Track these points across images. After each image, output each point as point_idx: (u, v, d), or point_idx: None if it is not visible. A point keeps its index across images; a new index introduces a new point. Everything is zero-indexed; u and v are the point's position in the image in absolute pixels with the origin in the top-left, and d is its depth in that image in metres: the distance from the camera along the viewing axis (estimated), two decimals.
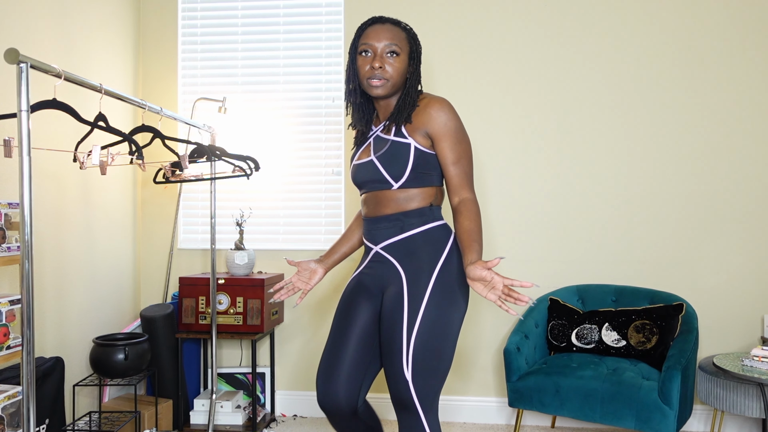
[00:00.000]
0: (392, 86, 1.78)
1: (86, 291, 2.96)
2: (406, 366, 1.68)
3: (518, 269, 3.27)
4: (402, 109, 1.79)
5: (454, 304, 1.74)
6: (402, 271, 1.77)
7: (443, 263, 1.76)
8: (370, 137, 1.87)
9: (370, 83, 1.78)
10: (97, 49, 3.06)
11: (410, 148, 1.75)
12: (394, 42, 1.76)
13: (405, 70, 1.79)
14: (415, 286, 1.73)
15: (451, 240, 1.81)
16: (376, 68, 1.76)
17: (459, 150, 1.77)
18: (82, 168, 2.18)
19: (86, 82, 2.10)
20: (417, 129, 1.77)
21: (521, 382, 2.72)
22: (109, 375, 2.74)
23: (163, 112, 2.61)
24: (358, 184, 1.88)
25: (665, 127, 3.17)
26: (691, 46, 3.15)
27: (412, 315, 1.70)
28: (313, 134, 3.43)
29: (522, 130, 3.27)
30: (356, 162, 1.89)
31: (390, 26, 1.79)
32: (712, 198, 3.14)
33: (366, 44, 1.78)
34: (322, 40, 3.42)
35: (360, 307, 1.85)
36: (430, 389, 1.70)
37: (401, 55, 1.77)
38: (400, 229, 1.80)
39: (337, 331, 1.86)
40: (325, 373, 1.81)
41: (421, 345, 1.69)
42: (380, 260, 1.84)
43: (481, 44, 3.28)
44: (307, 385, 3.43)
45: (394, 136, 1.78)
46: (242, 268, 3.19)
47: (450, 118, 1.76)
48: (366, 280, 1.87)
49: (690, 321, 2.77)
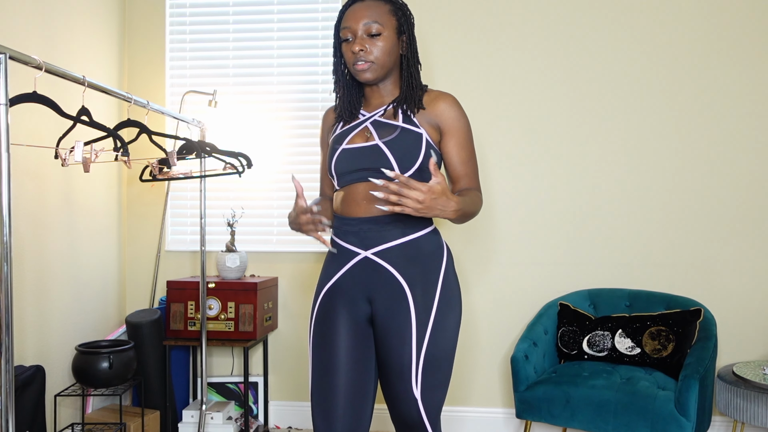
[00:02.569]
0: (381, 67, 1.72)
1: (68, 295, 2.96)
2: (415, 385, 1.64)
3: (525, 272, 3.27)
4: (410, 92, 1.73)
5: (455, 312, 1.73)
6: (402, 279, 1.69)
7: (444, 271, 1.74)
8: (364, 122, 1.77)
9: (356, 68, 1.71)
10: (79, 39, 3.06)
11: (422, 138, 1.70)
12: (373, 20, 1.68)
13: (392, 48, 1.72)
14: (421, 296, 1.67)
15: (445, 246, 1.79)
16: (357, 52, 1.69)
17: (469, 149, 1.76)
18: (64, 165, 2.17)
19: (68, 74, 2.10)
20: (428, 120, 1.73)
21: (529, 392, 2.72)
22: (92, 384, 2.73)
23: (150, 105, 2.60)
24: (342, 172, 1.74)
25: (682, 123, 3.17)
26: (714, 37, 3.15)
27: (421, 328, 1.65)
28: (308, 129, 3.42)
29: (530, 125, 3.26)
30: (347, 146, 1.74)
31: (369, 1, 1.71)
32: (731, 197, 3.14)
33: (346, 28, 1.72)
34: (319, 30, 3.42)
35: (340, 324, 1.73)
36: (437, 403, 1.70)
37: (385, 33, 1.70)
38: (400, 233, 1.70)
39: (321, 358, 1.72)
40: (323, 413, 1.69)
41: (430, 360, 1.66)
42: (370, 267, 1.71)
43: (487, 35, 3.28)
44: (303, 395, 3.43)
45: (403, 122, 1.71)
46: (234, 271, 3.19)
47: (462, 114, 1.75)
48: (345, 288, 1.73)
49: (708, 327, 2.77)
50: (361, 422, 1.71)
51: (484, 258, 3.30)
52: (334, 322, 1.73)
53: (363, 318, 1.74)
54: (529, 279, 3.27)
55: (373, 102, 1.81)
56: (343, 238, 1.74)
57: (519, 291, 3.28)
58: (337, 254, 1.76)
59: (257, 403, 3.36)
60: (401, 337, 1.66)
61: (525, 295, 3.27)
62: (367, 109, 1.81)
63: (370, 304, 1.73)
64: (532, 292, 3.27)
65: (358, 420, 1.70)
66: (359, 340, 1.73)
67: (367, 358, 1.74)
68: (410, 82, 1.75)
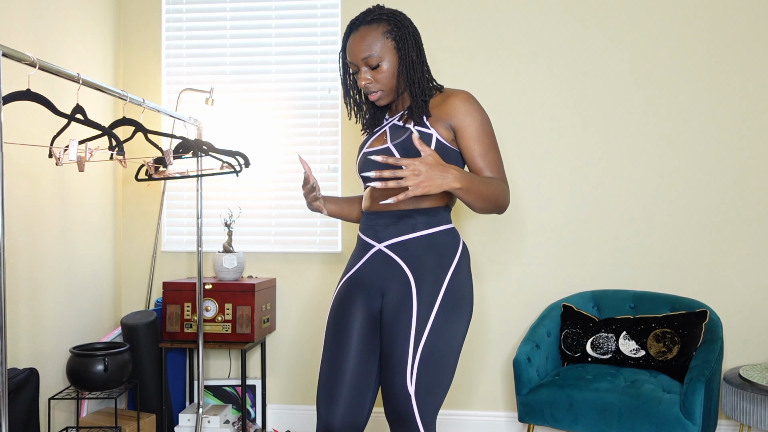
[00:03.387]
0: (391, 91, 1.83)
1: (63, 296, 2.96)
2: (409, 380, 1.68)
3: (529, 273, 3.27)
4: (416, 103, 1.80)
5: (462, 315, 1.76)
6: (410, 273, 1.76)
7: (454, 270, 1.77)
8: (384, 126, 1.89)
9: (370, 98, 1.85)
10: (74, 36, 3.06)
11: (432, 139, 1.77)
12: (369, 53, 1.77)
13: (395, 70, 1.80)
14: (426, 292, 1.73)
15: (461, 246, 1.82)
16: (364, 86, 1.82)
17: (487, 141, 1.77)
18: (59, 164, 2.17)
19: (63, 71, 2.09)
20: (439, 120, 1.79)
21: (532, 395, 2.72)
22: (87, 387, 2.73)
23: (146, 103, 2.60)
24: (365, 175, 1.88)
25: (687, 124, 3.17)
26: (730, 35, 3.15)
27: (420, 324, 1.70)
28: (307, 128, 3.42)
29: (534, 126, 3.26)
30: (367, 150, 1.88)
31: (364, 30, 1.79)
32: (737, 197, 3.14)
33: (350, 63, 1.83)
34: (318, 26, 3.42)
35: (355, 313, 1.82)
36: (432, 404, 1.71)
37: (384, 60, 1.79)
38: (411, 228, 1.78)
39: (333, 344, 1.82)
40: (326, 396, 1.78)
41: (427, 357, 1.69)
42: (383, 260, 1.81)
43: (492, 33, 3.28)
44: (301, 398, 3.43)
45: (414, 125, 1.79)
46: (231, 272, 3.19)
47: (476, 108, 1.78)
48: (363, 280, 1.84)
49: (714, 329, 2.76)
50: (361, 413, 1.78)
51: (486, 259, 3.30)
52: (348, 311, 1.83)
53: (377, 311, 1.82)
54: (531, 280, 3.27)
55: (397, 107, 1.92)
56: (364, 232, 1.88)
57: (521, 292, 3.28)
58: (357, 247, 1.90)
59: (255, 407, 3.36)
60: (399, 328, 1.72)
61: (527, 296, 3.27)
62: (391, 114, 1.94)
63: (382, 296, 1.81)
64: (534, 293, 3.27)
65: (359, 411, 1.77)
66: (371, 332, 1.82)
67: (374, 351, 1.81)
68: (417, 92, 1.81)
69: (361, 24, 1.81)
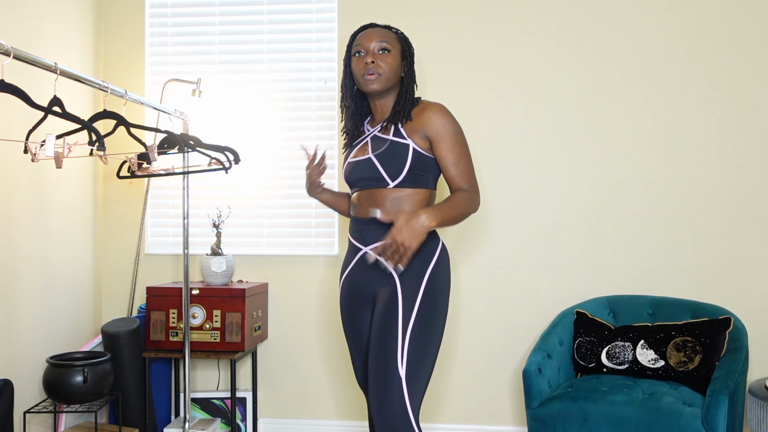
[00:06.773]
0: (386, 80, 2.13)
1: (39, 303, 2.96)
2: (401, 364, 1.95)
3: (541, 278, 3.27)
4: (400, 108, 2.12)
5: (440, 309, 2.08)
6: (394, 273, 2.05)
7: (433, 268, 2.07)
8: (366, 137, 2.19)
9: (365, 79, 2.12)
10: (51, 23, 3.06)
11: (409, 149, 2.08)
12: (385, 40, 2.14)
13: (397, 67, 2.15)
14: (408, 289, 2.03)
15: (440, 246, 2.12)
16: (369, 63, 2.11)
17: (458, 151, 2.09)
18: (35, 160, 2.17)
19: (39, 60, 2.10)
20: (416, 131, 2.09)
21: (543, 408, 2.72)
22: (65, 400, 2.73)
23: (128, 95, 2.60)
24: (351, 182, 2.20)
25: (707, 119, 3.18)
26: (748, 32, 3.15)
27: (406, 316, 2.00)
28: (301, 121, 3.42)
29: (545, 124, 3.27)
30: (351, 159, 2.20)
31: (380, 29, 2.17)
32: (762, 196, 3.14)
33: (359, 45, 2.15)
34: (313, 12, 3.42)
35: (360, 315, 2.18)
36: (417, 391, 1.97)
37: (393, 52, 2.14)
38: None
39: (349, 343, 2.25)
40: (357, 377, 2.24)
41: (412, 347, 1.97)
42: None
43: (488, 30, 3.29)
44: (295, 411, 3.43)
45: (393, 136, 2.10)
46: (220, 276, 3.19)
47: (448, 120, 2.10)
48: (358, 288, 2.18)
49: (739, 338, 2.77)
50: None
51: (495, 263, 3.30)
52: (352, 311, 2.20)
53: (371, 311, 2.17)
54: (542, 285, 3.27)
55: (377, 118, 2.23)
56: (352, 235, 2.20)
57: (532, 298, 3.28)
58: (349, 248, 2.23)
59: (245, 421, 3.37)
60: (388, 321, 2.01)
61: (538, 302, 3.28)
62: (372, 124, 2.25)
63: (374, 302, 2.14)
64: (546, 299, 3.27)
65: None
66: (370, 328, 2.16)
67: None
68: (404, 98, 2.15)
69: (378, 26, 2.19)
